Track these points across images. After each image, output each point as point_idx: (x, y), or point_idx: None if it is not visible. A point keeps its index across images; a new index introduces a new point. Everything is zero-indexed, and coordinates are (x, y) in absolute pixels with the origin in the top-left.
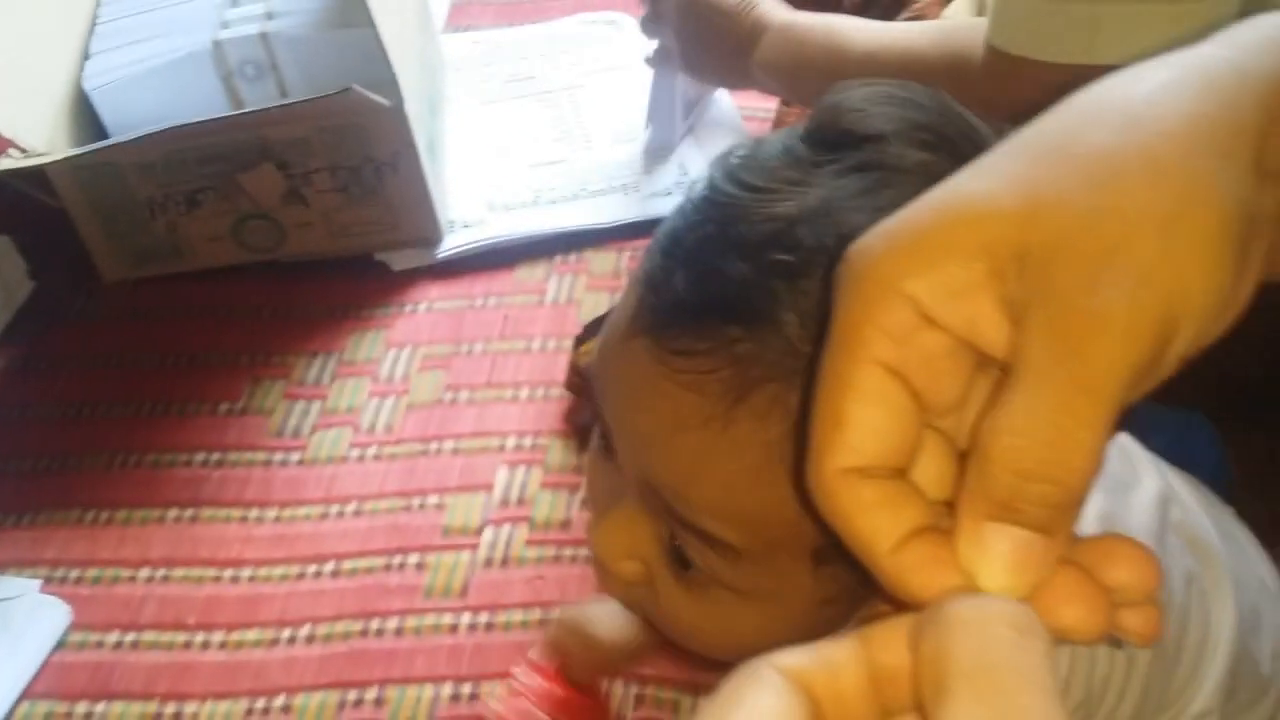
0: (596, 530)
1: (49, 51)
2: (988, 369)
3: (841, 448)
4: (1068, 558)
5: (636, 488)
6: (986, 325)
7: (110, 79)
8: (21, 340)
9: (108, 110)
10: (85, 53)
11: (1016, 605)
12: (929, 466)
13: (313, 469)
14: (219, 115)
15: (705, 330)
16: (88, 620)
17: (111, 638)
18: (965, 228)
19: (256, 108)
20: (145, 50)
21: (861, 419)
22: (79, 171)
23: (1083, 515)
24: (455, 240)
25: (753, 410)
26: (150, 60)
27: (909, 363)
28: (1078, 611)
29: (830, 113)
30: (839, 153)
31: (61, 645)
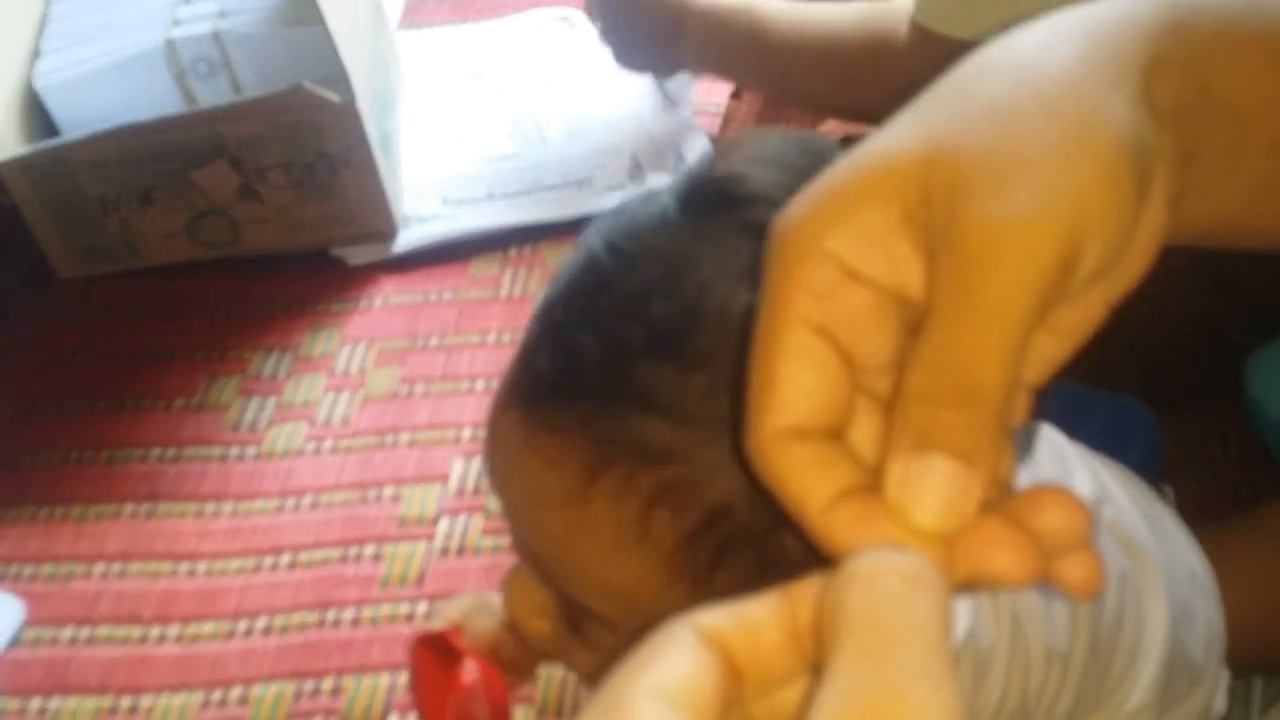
0: (509, 586)
1: None
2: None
3: (774, 408)
4: (998, 508)
5: (521, 554)
6: (906, 269)
7: (61, 77)
8: None
9: (59, 108)
10: (36, 50)
11: (911, 558)
12: (865, 430)
13: (269, 462)
14: (171, 113)
15: (563, 407)
16: (43, 616)
17: (66, 633)
18: (874, 179)
19: (209, 105)
20: (97, 48)
21: (790, 379)
22: (30, 170)
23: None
24: (410, 235)
25: (608, 489)
26: (102, 58)
27: (835, 320)
28: (1006, 556)
29: (705, 174)
30: (713, 215)
31: (16, 642)
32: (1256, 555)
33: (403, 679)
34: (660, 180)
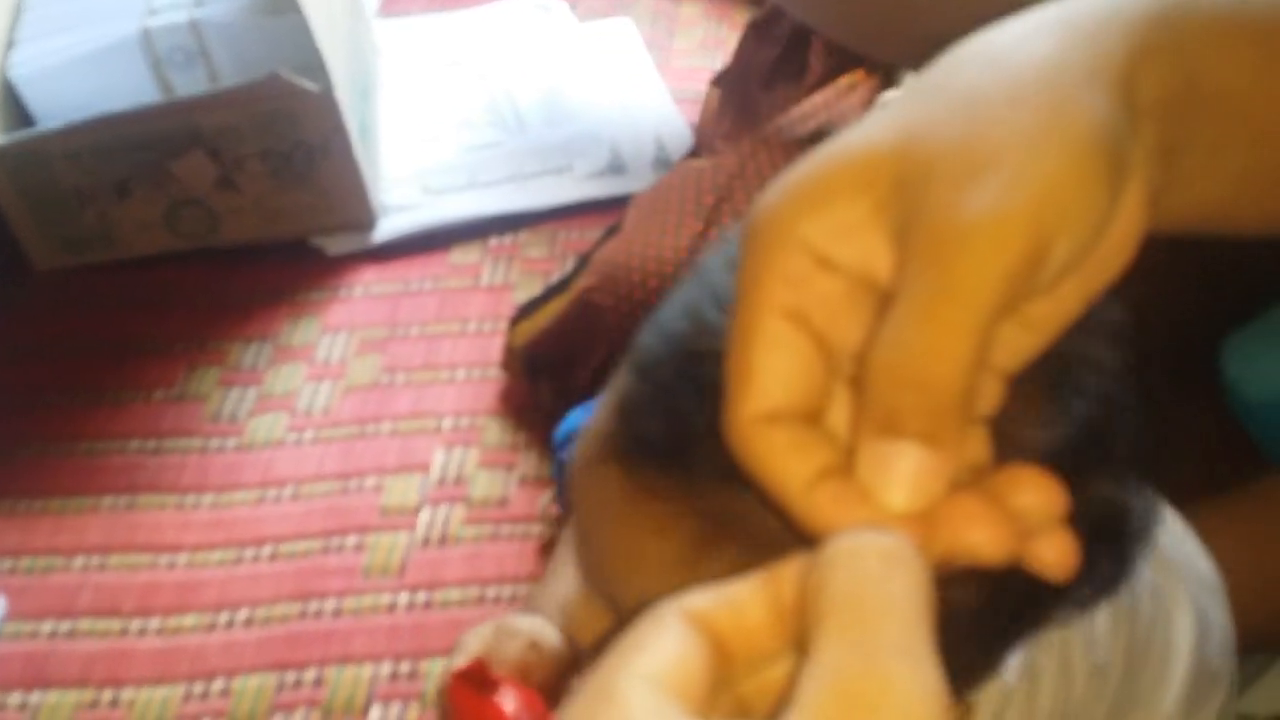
0: (577, 615)
1: None
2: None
3: (751, 395)
4: (974, 485)
5: (593, 583)
6: (877, 258)
7: (37, 67)
8: None
9: (35, 99)
10: (11, 40)
11: (889, 538)
12: (842, 412)
13: (249, 453)
14: (148, 103)
15: (674, 477)
16: (22, 610)
17: (46, 627)
18: (848, 169)
19: (186, 95)
20: (73, 38)
21: (767, 365)
22: (6, 160)
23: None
24: (390, 224)
25: (717, 565)
26: (78, 48)
27: (809, 306)
28: (981, 533)
29: None
30: None
31: None
32: (1235, 539)
33: (384, 669)
34: (640, 168)
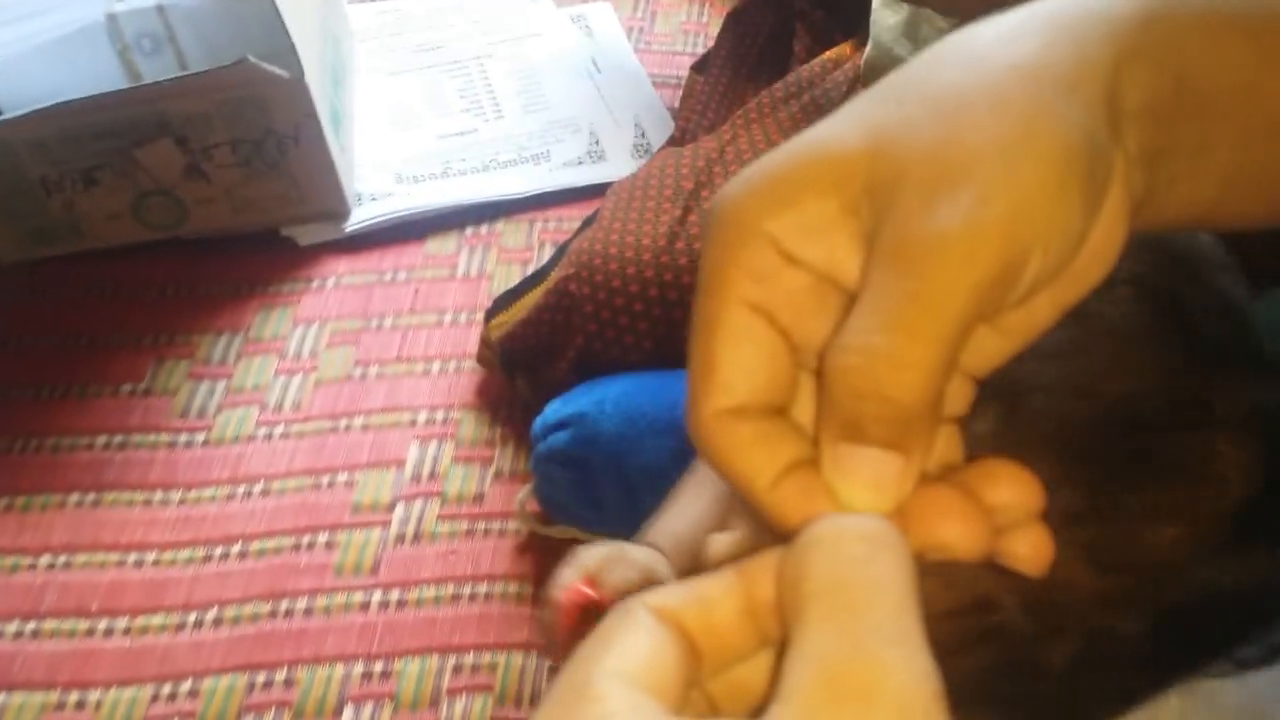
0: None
1: None
2: None
3: (714, 389)
4: (950, 479)
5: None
6: (843, 260)
7: (1, 54)
8: None
9: None
10: None
11: (872, 521)
12: (809, 405)
13: (219, 449)
14: (113, 89)
15: None
16: None
17: (11, 627)
18: (817, 168)
19: (153, 81)
20: (37, 25)
21: (730, 358)
22: None
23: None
24: (363, 214)
25: None
26: (42, 35)
27: (773, 301)
28: (955, 527)
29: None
30: None
31: None
32: None
33: (357, 669)
34: (620, 155)
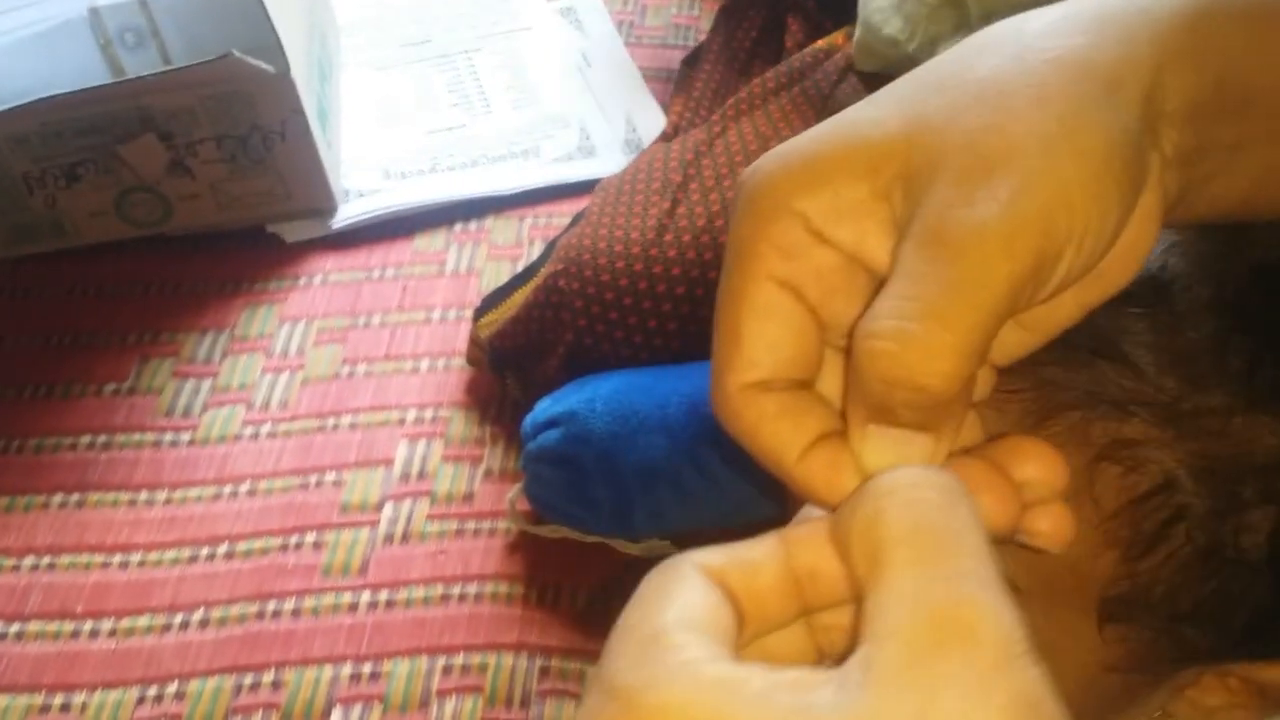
0: None
1: None
2: None
3: (740, 362)
4: (979, 452)
5: None
6: (873, 244)
7: None
8: None
9: None
10: None
11: (941, 471)
12: (835, 378)
13: (204, 449)
14: (95, 84)
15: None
16: None
17: None
18: (852, 151)
19: (136, 76)
20: (18, 19)
21: (757, 332)
22: None
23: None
24: (351, 210)
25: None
26: (24, 29)
27: (802, 277)
28: (987, 501)
29: None
30: None
31: None
32: None
33: (345, 670)
34: (610, 150)
